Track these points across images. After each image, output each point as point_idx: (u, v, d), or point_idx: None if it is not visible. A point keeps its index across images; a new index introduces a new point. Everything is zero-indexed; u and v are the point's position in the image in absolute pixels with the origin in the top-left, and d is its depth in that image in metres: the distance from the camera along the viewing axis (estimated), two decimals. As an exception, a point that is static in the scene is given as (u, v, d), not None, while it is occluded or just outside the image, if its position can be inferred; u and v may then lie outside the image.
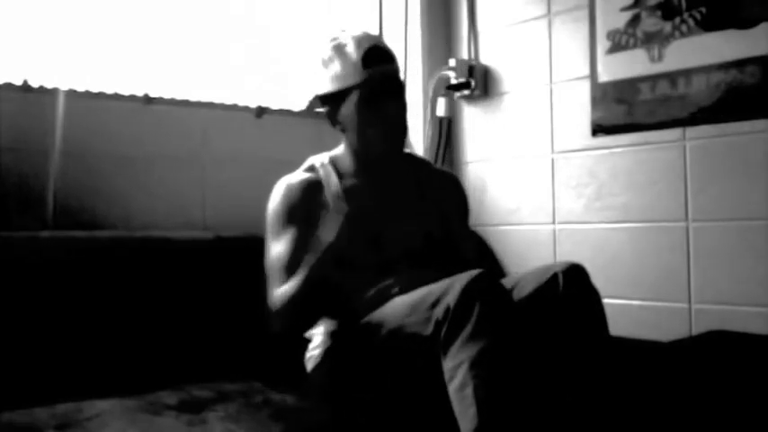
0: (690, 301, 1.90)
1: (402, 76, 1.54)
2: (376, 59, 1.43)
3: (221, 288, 1.65)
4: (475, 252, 1.66)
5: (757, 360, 1.52)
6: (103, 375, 1.40)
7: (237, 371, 1.48)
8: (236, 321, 1.63)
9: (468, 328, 1.13)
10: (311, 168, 1.54)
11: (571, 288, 1.27)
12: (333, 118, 1.51)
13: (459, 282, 1.18)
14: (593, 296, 1.31)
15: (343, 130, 1.52)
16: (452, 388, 1.13)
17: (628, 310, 2.00)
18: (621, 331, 1.96)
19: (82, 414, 1.18)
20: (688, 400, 1.38)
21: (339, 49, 1.45)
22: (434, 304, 1.19)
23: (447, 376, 1.14)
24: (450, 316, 1.15)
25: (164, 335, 1.53)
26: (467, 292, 1.16)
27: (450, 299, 1.16)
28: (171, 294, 1.57)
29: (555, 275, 1.28)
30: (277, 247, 1.43)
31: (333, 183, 1.50)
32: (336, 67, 1.44)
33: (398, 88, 1.50)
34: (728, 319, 1.80)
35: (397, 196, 1.54)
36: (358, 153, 1.52)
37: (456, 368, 1.13)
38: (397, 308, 1.28)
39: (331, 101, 1.49)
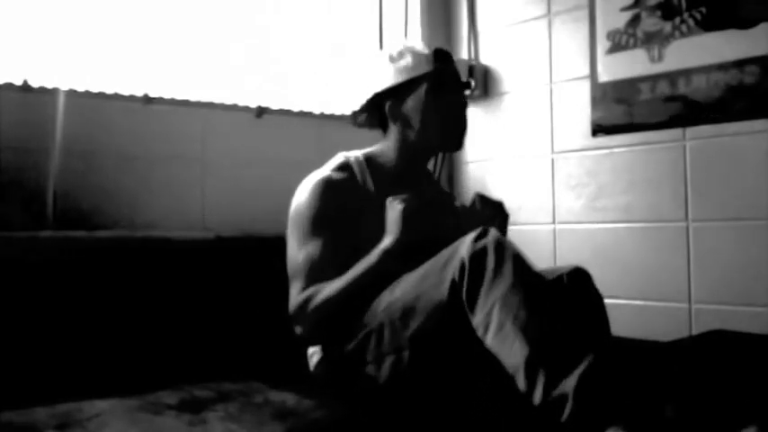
0: (690, 301, 1.90)
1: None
2: (444, 57, 1.54)
3: (221, 288, 1.65)
4: None
5: (757, 360, 1.52)
6: (103, 375, 1.40)
7: (237, 371, 1.48)
8: (237, 321, 1.63)
9: (489, 274, 1.14)
10: (345, 166, 1.51)
11: (576, 289, 1.27)
12: (394, 113, 1.52)
13: (464, 240, 1.20)
14: (596, 299, 1.31)
15: (403, 123, 1.52)
16: (490, 335, 1.11)
17: (628, 310, 2.00)
18: (621, 331, 1.96)
19: (82, 414, 1.18)
20: (688, 400, 1.38)
21: (409, 48, 1.53)
22: (445, 265, 1.19)
23: (481, 330, 1.13)
24: (467, 270, 1.15)
25: (164, 335, 1.53)
26: (477, 243, 1.17)
27: (464, 252, 1.17)
28: (171, 294, 1.57)
29: (560, 277, 1.28)
30: (308, 248, 1.40)
31: (369, 183, 1.50)
32: (408, 59, 1.50)
33: (464, 86, 1.59)
34: (728, 319, 1.80)
35: (434, 199, 1.57)
36: (412, 144, 1.53)
37: (488, 315, 1.12)
38: (407, 283, 1.27)
39: (395, 95, 1.51)
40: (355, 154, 1.54)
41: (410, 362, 1.26)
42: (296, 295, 1.39)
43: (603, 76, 2.08)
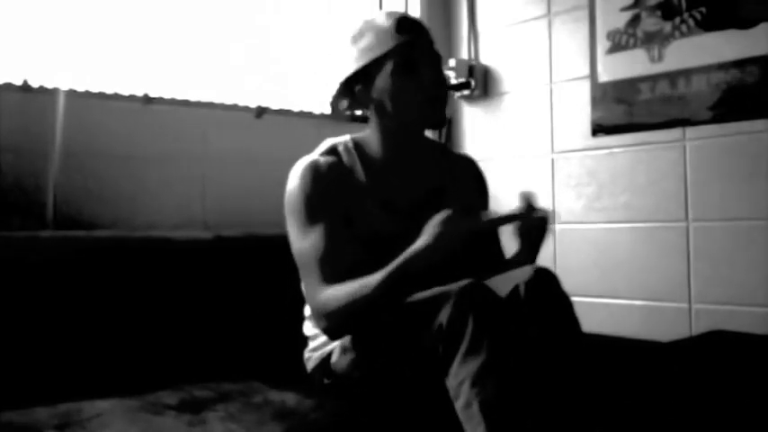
0: (690, 301, 1.90)
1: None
2: (409, 27, 1.37)
3: (221, 288, 1.64)
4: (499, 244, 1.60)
5: (757, 360, 1.52)
6: (103, 375, 1.40)
7: (237, 371, 1.48)
8: (237, 321, 1.63)
9: (465, 345, 1.11)
10: (333, 151, 1.43)
11: (535, 297, 1.22)
12: (364, 98, 1.40)
13: (449, 297, 1.14)
14: (562, 302, 1.25)
15: (377, 108, 1.41)
16: (458, 406, 1.11)
17: (628, 310, 2.00)
18: (621, 331, 1.96)
19: (82, 414, 1.18)
20: (688, 400, 1.38)
21: (369, 23, 1.39)
22: (429, 320, 1.16)
23: (452, 394, 1.13)
24: (444, 334, 1.12)
25: (164, 335, 1.53)
26: (458, 306, 1.12)
27: (443, 317, 1.13)
28: (171, 294, 1.57)
29: (516, 290, 1.22)
30: (310, 238, 1.33)
31: (358, 169, 1.42)
32: (368, 38, 1.36)
33: (436, 56, 1.41)
34: (728, 319, 1.80)
35: (424, 186, 1.47)
36: (392, 129, 1.41)
37: (459, 386, 1.11)
38: (397, 314, 1.24)
39: (362, 80, 1.39)
40: (344, 139, 1.46)
41: (401, 384, 1.26)
42: (313, 293, 1.32)
43: (603, 76, 2.08)
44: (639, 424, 1.29)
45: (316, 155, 1.42)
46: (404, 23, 1.37)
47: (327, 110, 2.22)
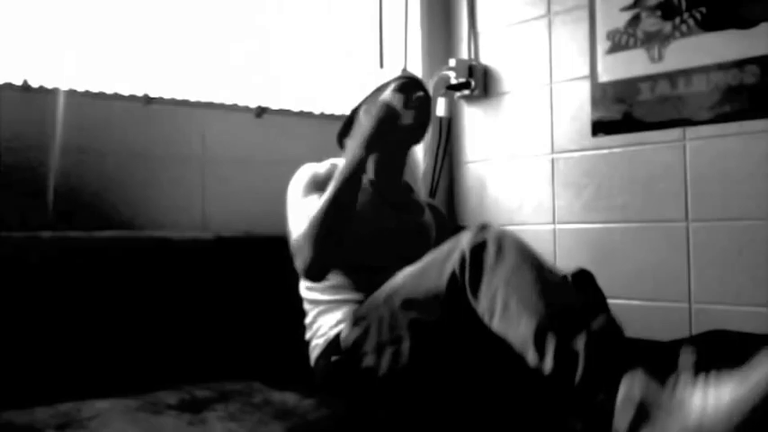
0: (690, 301, 1.90)
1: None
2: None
3: (221, 288, 1.65)
4: None
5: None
6: (103, 375, 1.40)
7: (237, 371, 1.48)
8: (237, 321, 1.63)
9: (490, 261, 1.14)
10: (332, 165, 1.60)
11: (580, 289, 1.27)
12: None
13: (464, 233, 1.21)
14: (600, 300, 1.32)
15: None
16: (496, 319, 1.11)
17: (628, 310, 2.00)
18: (621, 331, 1.96)
19: (82, 414, 1.18)
20: (704, 344, 1.37)
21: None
22: (445, 258, 1.20)
23: (486, 315, 1.13)
24: (468, 260, 1.16)
25: (164, 335, 1.53)
26: (478, 235, 1.18)
27: (464, 244, 1.18)
28: (171, 294, 1.57)
29: (564, 277, 1.28)
30: (305, 209, 1.47)
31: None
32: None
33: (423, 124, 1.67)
34: (728, 319, 1.80)
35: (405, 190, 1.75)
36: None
37: (492, 299, 1.12)
38: (407, 276, 1.29)
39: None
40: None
41: (410, 353, 1.26)
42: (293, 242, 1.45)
43: (603, 76, 2.08)
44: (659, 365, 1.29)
45: (319, 164, 1.62)
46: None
47: (327, 110, 2.23)
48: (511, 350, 1.10)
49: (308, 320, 1.55)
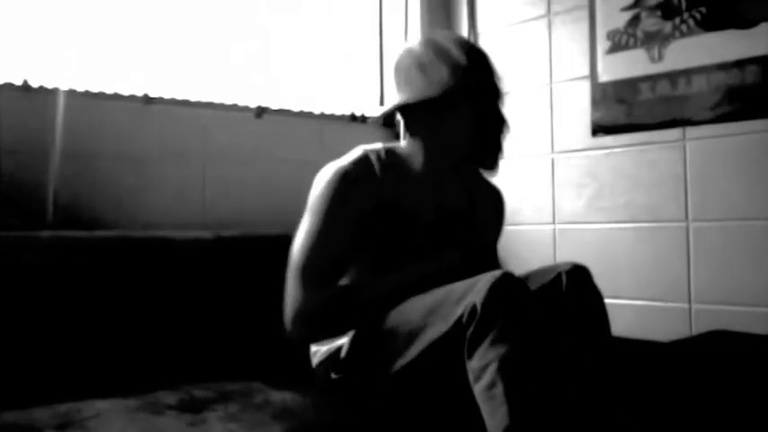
0: (690, 301, 1.90)
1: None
2: (482, 69, 1.45)
3: (221, 288, 1.64)
4: None
5: (757, 360, 1.52)
6: (103, 375, 1.40)
7: (237, 371, 1.48)
8: (237, 321, 1.63)
9: (496, 330, 1.12)
10: (365, 159, 1.41)
11: (574, 288, 1.28)
12: (419, 122, 1.42)
13: (483, 281, 1.15)
14: (595, 297, 1.31)
15: (431, 135, 1.42)
16: (479, 387, 1.12)
17: (628, 310, 2.00)
18: (621, 331, 1.96)
19: (82, 414, 1.18)
20: (688, 400, 1.38)
21: (441, 52, 1.39)
22: (458, 302, 1.18)
23: (473, 376, 1.14)
24: (477, 316, 1.13)
25: (164, 335, 1.53)
26: (494, 291, 1.13)
27: (477, 298, 1.14)
28: (171, 294, 1.57)
29: (559, 275, 1.29)
30: (305, 240, 1.36)
31: (389, 179, 1.40)
32: (441, 70, 1.37)
33: (501, 98, 1.47)
34: (728, 319, 1.80)
35: (449, 205, 1.50)
36: (439, 156, 1.43)
37: (484, 368, 1.12)
38: (416, 308, 1.25)
39: (423, 105, 1.39)
40: (377, 147, 1.44)
41: (401, 384, 1.27)
42: (296, 295, 1.35)
43: (603, 76, 2.08)
44: (640, 423, 1.29)
45: (347, 161, 1.40)
46: (479, 64, 1.41)
47: (327, 110, 2.23)
48: None
49: None
